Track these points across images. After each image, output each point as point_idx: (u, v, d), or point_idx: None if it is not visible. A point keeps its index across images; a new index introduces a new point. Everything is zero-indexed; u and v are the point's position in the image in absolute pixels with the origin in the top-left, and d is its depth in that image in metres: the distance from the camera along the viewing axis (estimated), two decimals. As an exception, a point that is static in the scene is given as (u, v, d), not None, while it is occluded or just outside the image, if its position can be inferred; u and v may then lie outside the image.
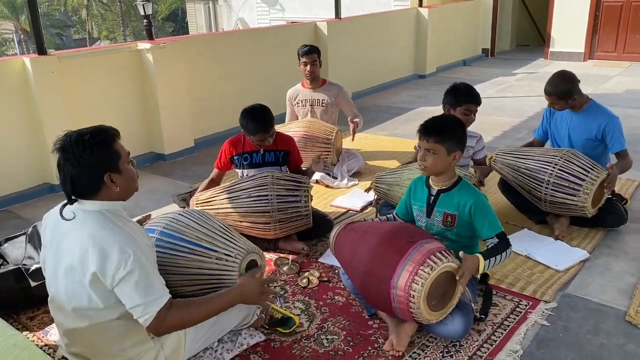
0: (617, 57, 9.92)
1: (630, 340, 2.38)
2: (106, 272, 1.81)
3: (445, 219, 2.51)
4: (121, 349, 1.99)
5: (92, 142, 1.84)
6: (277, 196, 3.09)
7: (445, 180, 2.51)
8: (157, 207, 4.07)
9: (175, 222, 2.47)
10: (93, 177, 1.87)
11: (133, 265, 1.80)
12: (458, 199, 2.47)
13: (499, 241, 2.40)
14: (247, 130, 3.27)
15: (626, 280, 2.86)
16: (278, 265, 3.09)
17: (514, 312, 2.59)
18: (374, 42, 8.01)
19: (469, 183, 2.55)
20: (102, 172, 1.87)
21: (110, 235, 1.83)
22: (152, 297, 1.82)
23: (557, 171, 3.19)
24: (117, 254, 1.80)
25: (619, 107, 6.36)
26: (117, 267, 1.79)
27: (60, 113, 4.33)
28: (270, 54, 6.37)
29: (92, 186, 1.89)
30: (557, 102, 3.38)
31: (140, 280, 1.81)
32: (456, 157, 2.45)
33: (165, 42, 5.07)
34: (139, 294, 1.81)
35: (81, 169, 1.85)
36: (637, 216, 3.58)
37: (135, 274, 1.80)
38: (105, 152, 1.87)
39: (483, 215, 2.42)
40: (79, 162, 1.83)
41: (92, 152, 1.84)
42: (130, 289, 1.81)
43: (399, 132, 5.92)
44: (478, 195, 2.47)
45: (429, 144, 2.42)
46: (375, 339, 2.43)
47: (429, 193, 2.58)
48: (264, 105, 3.29)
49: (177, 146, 5.27)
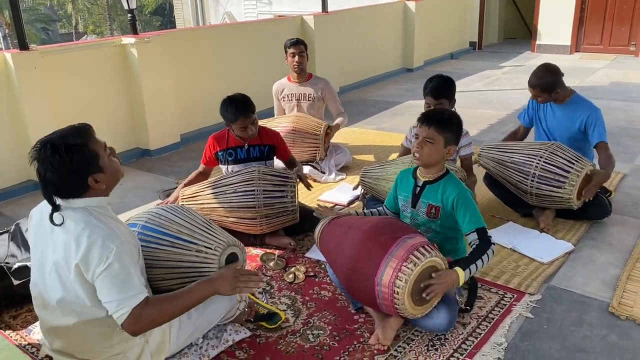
0: (603, 50, 9.99)
1: (613, 332, 2.40)
2: (88, 265, 1.80)
3: (429, 210, 2.52)
4: (108, 345, 1.98)
5: (68, 149, 1.81)
6: (264, 191, 3.08)
7: (434, 172, 2.52)
8: (142, 203, 4.05)
9: (157, 217, 2.46)
10: (76, 182, 1.85)
11: (113, 260, 1.79)
12: (442, 191, 2.48)
13: (479, 242, 2.37)
14: (227, 119, 3.26)
15: (610, 272, 2.89)
16: (264, 260, 3.08)
17: (499, 304, 2.61)
18: (361, 35, 7.99)
19: (455, 176, 2.56)
20: (85, 176, 1.86)
21: (95, 230, 1.82)
22: (129, 293, 1.81)
23: (542, 164, 3.20)
24: (99, 247, 1.79)
25: (604, 99, 6.41)
26: (99, 261, 1.78)
27: (44, 109, 4.28)
28: (257, 48, 6.33)
29: (76, 190, 1.88)
30: (541, 94, 3.41)
31: (119, 276, 1.80)
32: (450, 152, 2.47)
33: (150, 37, 5.02)
34: (116, 289, 1.79)
35: (62, 178, 1.82)
36: (621, 208, 3.61)
37: (115, 269, 1.79)
38: (83, 157, 1.83)
39: (465, 208, 2.43)
40: (58, 171, 1.81)
41: (71, 159, 1.80)
42: (108, 283, 1.79)
43: (386, 126, 5.92)
44: (462, 188, 2.48)
45: (429, 132, 2.44)
46: (361, 333, 2.43)
47: (415, 184, 2.58)
48: (244, 94, 3.28)
49: (162, 141, 5.23)
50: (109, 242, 1.80)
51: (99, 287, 1.82)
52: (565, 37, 10.13)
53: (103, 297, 1.82)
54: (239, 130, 3.27)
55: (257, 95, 5.42)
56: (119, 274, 1.80)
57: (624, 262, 2.96)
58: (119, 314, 1.80)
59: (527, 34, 11.77)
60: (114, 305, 1.80)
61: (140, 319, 1.81)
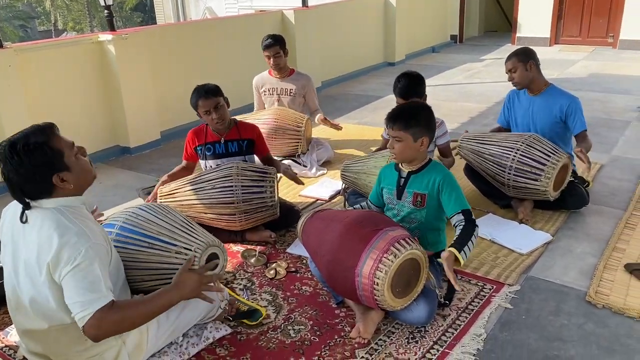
0: (581, 42, 10.10)
1: (590, 320, 2.44)
2: (57, 265, 1.77)
3: (415, 199, 2.52)
4: (83, 348, 1.95)
5: (27, 148, 1.77)
6: (242, 187, 3.06)
7: (417, 163, 2.53)
8: (122, 201, 4.01)
9: (135, 217, 2.44)
10: (40, 182, 1.82)
11: (81, 261, 1.75)
12: (428, 178, 2.49)
13: (465, 222, 2.38)
14: (192, 105, 3.25)
15: (587, 261, 2.92)
16: (245, 257, 3.07)
17: (478, 296, 2.63)
18: (342, 30, 7.98)
19: (439, 163, 2.59)
20: (49, 175, 1.82)
21: (66, 231, 1.79)
22: (93, 295, 1.75)
23: (519, 156, 3.23)
24: (69, 249, 1.76)
25: (583, 90, 6.48)
26: (67, 261, 1.75)
27: (19, 108, 4.21)
28: (237, 43, 6.29)
29: (42, 190, 1.85)
30: (516, 65, 3.42)
31: (85, 278, 1.76)
32: (424, 143, 2.46)
33: (127, 33, 4.96)
34: (81, 291, 1.75)
35: (25, 178, 1.80)
36: (599, 198, 3.66)
37: (82, 271, 1.75)
38: (43, 155, 1.80)
39: (450, 190, 2.44)
40: (19, 172, 1.78)
41: (29, 158, 1.77)
42: (73, 284, 1.75)
43: (368, 120, 5.93)
44: (447, 172, 2.52)
45: (394, 132, 2.45)
46: (342, 328, 2.44)
47: (399, 176, 2.59)
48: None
49: (142, 139, 5.18)
50: (79, 243, 1.77)
51: (65, 287, 1.77)
52: (545, 29, 10.22)
53: (67, 298, 1.77)
54: (205, 115, 3.24)
55: (238, 91, 5.44)
56: (86, 276, 1.76)
57: (601, 251, 3.01)
58: (81, 315, 1.74)
59: (507, 26, 11.85)
60: (77, 307, 1.75)
61: (102, 323, 1.75)
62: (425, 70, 8.24)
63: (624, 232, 3.18)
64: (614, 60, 8.63)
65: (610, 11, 9.75)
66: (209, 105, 3.20)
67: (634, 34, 9.40)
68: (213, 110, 3.21)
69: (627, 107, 5.92)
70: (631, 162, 4.31)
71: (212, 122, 3.25)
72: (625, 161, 4.34)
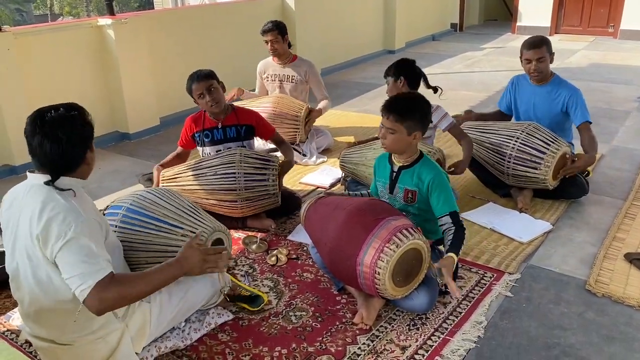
0: (582, 31, 10.07)
1: (590, 308, 2.45)
2: (47, 241, 1.75)
3: (406, 195, 2.52)
4: (87, 332, 1.95)
5: (73, 118, 1.81)
6: (245, 174, 3.06)
7: (407, 157, 2.51)
8: (122, 187, 4.00)
9: (143, 199, 2.44)
10: (76, 154, 1.84)
11: (73, 235, 1.73)
12: (418, 175, 2.47)
13: (454, 226, 2.36)
14: (190, 89, 3.25)
15: (587, 250, 2.94)
16: (246, 243, 3.08)
17: (479, 284, 2.64)
18: (342, 17, 7.93)
19: (431, 159, 2.55)
20: (85, 149, 1.85)
21: (56, 206, 1.78)
22: (91, 268, 1.72)
23: (519, 145, 3.23)
24: (59, 223, 1.74)
25: (583, 80, 6.47)
26: (57, 236, 1.73)
27: (17, 92, 4.18)
28: (237, 28, 6.25)
29: (72, 163, 1.85)
30: (545, 55, 3.40)
31: (80, 251, 1.73)
32: (417, 137, 2.43)
33: (127, 18, 4.92)
34: (77, 264, 1.71)
35: (65, 147, 1.79)
36: (599, 188, 3.67)
37: (75, 244, 1.73)
38: (89, 129, 1.84)
39: (439, 191, 2.42)
40: (61, 139, 1.78)
41: (82, 128, 1.82)
42: (68, 259, 1.72)
43: (368, 107, 5.91)
44: (438, 171, 2.48)
45: (389, 123, 2.41)
46: (343, 314, 2.45)
47: (391, 169, 2.58)
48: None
49: (142, 125, 5.16)
50: (69, 218, 1.75)
51: (60, 264, 1.74)
52: (545, 18, 10.18)
53: (65, 273, 1.73)
54: (199, 98, 3.22)
55: (237, 76, 5.41)
56: (80, 249, 1.73)
57: (600, 240, 3.02)
58: (81, 289, 1.70)
59: (507, 15, 11.80)
60: (76, 280, 1.71)
61: (104, 295, 1.71)
62: (426, 59, 8.22)
63: (623, 222, 3.20)
64: (615, 50, 8.61)
65: (611, 1, 9.71)
66: (202, 88, 3.18)
67: (634, 24, 9.38)
68: (206, 92, 3.18)
69: (628, 97, 5.92)
70: (631, 152, 4.32)
71: (206, 105, 3.22)
72: (626, 151, 4.35)
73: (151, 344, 2.16)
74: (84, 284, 1.70)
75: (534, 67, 3.41)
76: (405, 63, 3.33)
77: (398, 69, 3.30)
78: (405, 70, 3.29)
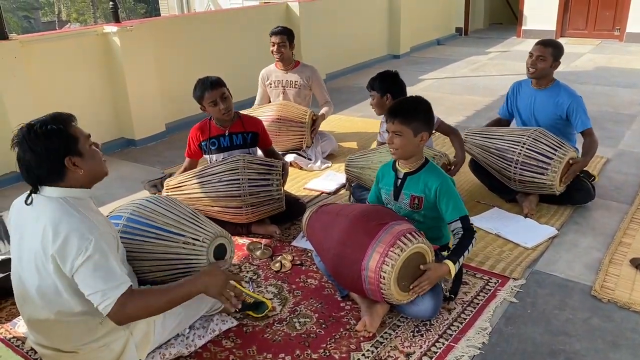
0: (587, 35, 10.04)
1: (595, 315, 2.44)
2: (65, 258, 1.78)
3: (412, 201, 2.52)
4: (91, 340, 1.97)
5: (45, 129, 1.81)
6: (249, 180, 3.07)
7: (413, 163, 2.52)
8: (128, 194, 4.01)
9: (142, 208, 2.44)
10: (52, 163, 1.84)
11: (93, 252, 1.77)
12: (424, 182, 2.48)
13: (463, 231, 2.38)
14: (196, 97, 3.25)
15: (593, 255, 2.92)
16: (251, 249, 3.08)
17: (484, 290, 2.63)
18: (346, 22, 7.95)
19: (436, 165, 2.56)
20: (62, 157, 1.84)
21: (72, 221, 1.80)
22: (112, 283, 1.79)
23: (525, 150, 3.22)
24: (77, 239, 1.77)
25: (589, 84, 6.45)
26: (77, 253, 1.76)
27: (25, 99, 4.22)
28: (241, 35, 6.28)
29: (54, 172, 1.86)
30: (548, 56, 3.42)
31: (100, 267, 1.78)
32: (424, 138, 2.44)
33: (132, 25, 4.95)
34: (99, 280, 1.77)
35: (38, 157, 1.82)
36: (605, 192, 3.65)
37: (95, 260, 1.77)
38: (59, 138, 1.83)
39: (448, 197, 2.43)
40: (34, 150, 1.81)
41: (46, 139, 1.81)
42: (89, 275, 1.77)
43: (372, 113, 5.83)
44: (444, 177, 2.48)
45: (395, 126, 2.42)
46: (347, 321, 2.45)
47: (396, 176, 2.58)
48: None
49: (147, 131, 5.19)
50: (87, 233, 1.78)
51: (80, 279, 1.79)
52: (551, 22, 10.16)
53: (86, 289, 1.79)
54: (211, 106, 3.21)
55: (242, 83, 5.42)
56: (101, 266, 1.78)
57: (606, 246, 3.00)
58: (104, 305, 1.78)
59: (512, 19, 11.78)
60: (98, 296, 1.78)
61: (126, 308, 1.79)
62: (430, 63, 8.23)
63: (629, 227, 3.18)
64: (621, 54, 8.58)
65: (617, 4, 9.69)
66: (215, 96, 3.19)
67: (640, 27, 9.34)
68: (220, 100, 3.20)
69: (634, 100, 5.89)
70: (637, 157, 4.29)
71: (219, 112, 3.23)
72: (632, 155, 4.33)
73: (155, 350, 2.16)
74: (107, 300, 1.78)
75: (531, 62, 3.47)
76: (389, 78, 3.40)
77: (384, 85, 3.37)
78: (390, 86, 3.37)
